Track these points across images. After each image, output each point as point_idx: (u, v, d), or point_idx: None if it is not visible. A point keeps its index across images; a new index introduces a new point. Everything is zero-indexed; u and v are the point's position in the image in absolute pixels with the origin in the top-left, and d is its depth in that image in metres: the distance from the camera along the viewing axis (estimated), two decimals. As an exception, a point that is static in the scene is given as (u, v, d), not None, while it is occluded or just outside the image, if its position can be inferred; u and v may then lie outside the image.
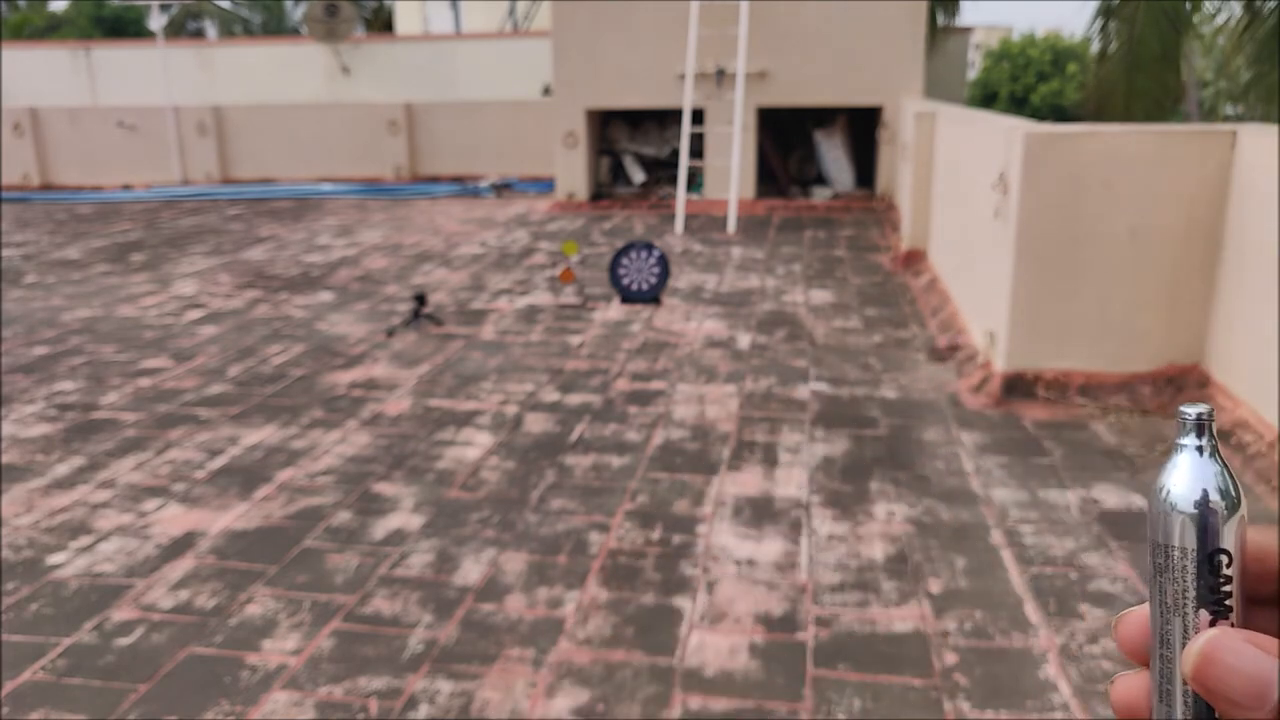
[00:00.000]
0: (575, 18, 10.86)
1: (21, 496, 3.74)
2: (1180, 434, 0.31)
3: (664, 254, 6.70)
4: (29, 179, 13.98)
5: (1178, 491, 0.30)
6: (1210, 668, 0.29)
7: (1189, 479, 0.31)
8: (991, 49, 26.73)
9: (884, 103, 10.61)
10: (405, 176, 13.42)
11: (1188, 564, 0.30)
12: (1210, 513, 0.30)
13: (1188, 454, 0.31)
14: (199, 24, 26.81)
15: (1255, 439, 3.80)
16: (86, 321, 6.45)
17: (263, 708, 2.45)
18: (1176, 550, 0.31)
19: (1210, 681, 0.29)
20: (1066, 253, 4.50)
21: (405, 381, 5.05)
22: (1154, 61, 10.54)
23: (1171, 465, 0.31)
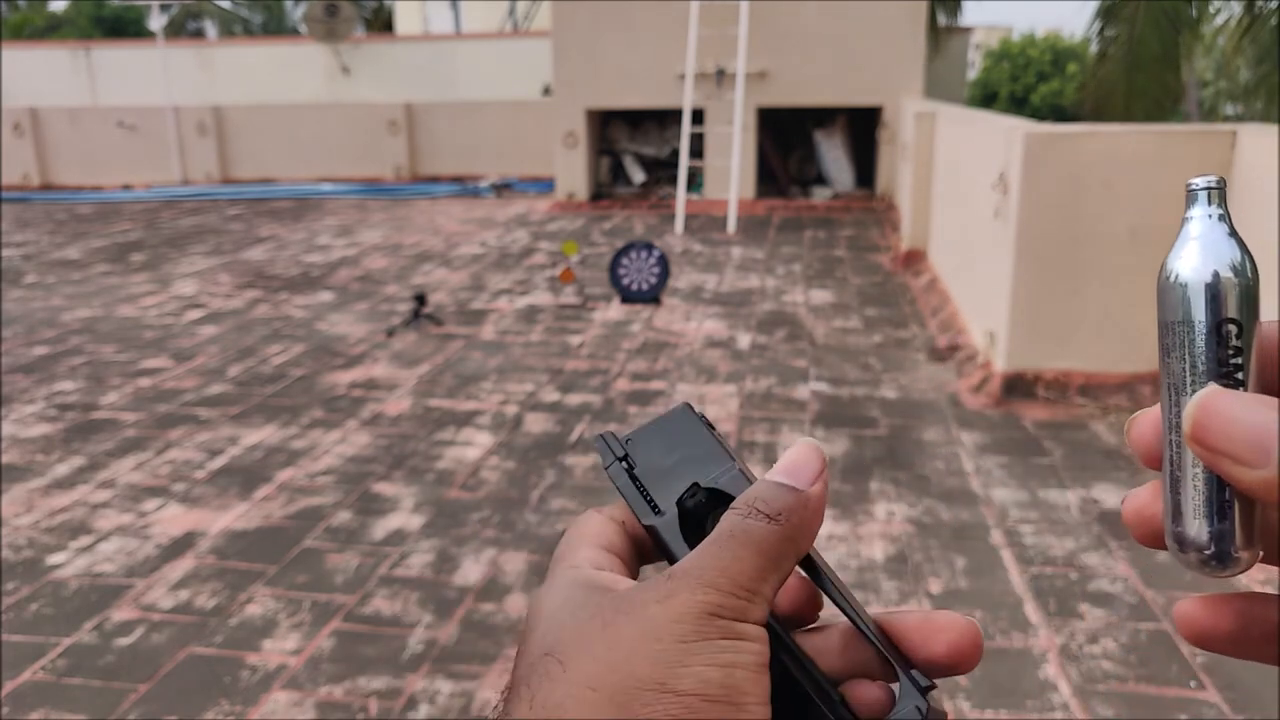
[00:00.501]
0: (575, 18, 10.86)
1: (21, 496, 3.74)
2: (1188, 206, 0.29)
3: (664, 254, 6.70)
4: (29, 179, 13.99)
5: (1182, 262, 0.28)
6: (1207, 420, 0.27)
7: (1195, 249, 0.29)
8: (991, 49, 26.73)
9: (884, 103, 10.61)
10: (405, 176, 13.42)
11: (1194, 337, 0.28)
12: (1216, 280, 0.28)
13: (1195, 224, 0.29)
14: (199, 24, 26.81)
15: (1255, 439, 3.80)
16: (86, 321, 6.45)
17: (263, 708, 2.45)
18: (1181, 325, 0.29)
19: (1209, 438, 0.27)
20: (1066, 253, 4.50)
21: (405, 381, 5.05)
22: (1154, 61, 10.55)
23: (1179, 239, 0.29)
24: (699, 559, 0.32)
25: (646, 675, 0.29)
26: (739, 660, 0.29)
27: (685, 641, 0.29)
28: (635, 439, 0.40)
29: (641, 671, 0.29)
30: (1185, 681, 2.49)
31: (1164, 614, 2.78)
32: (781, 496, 0.33)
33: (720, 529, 0.32)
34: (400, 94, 14.42)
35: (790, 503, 0.33)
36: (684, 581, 0.31)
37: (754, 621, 0.31)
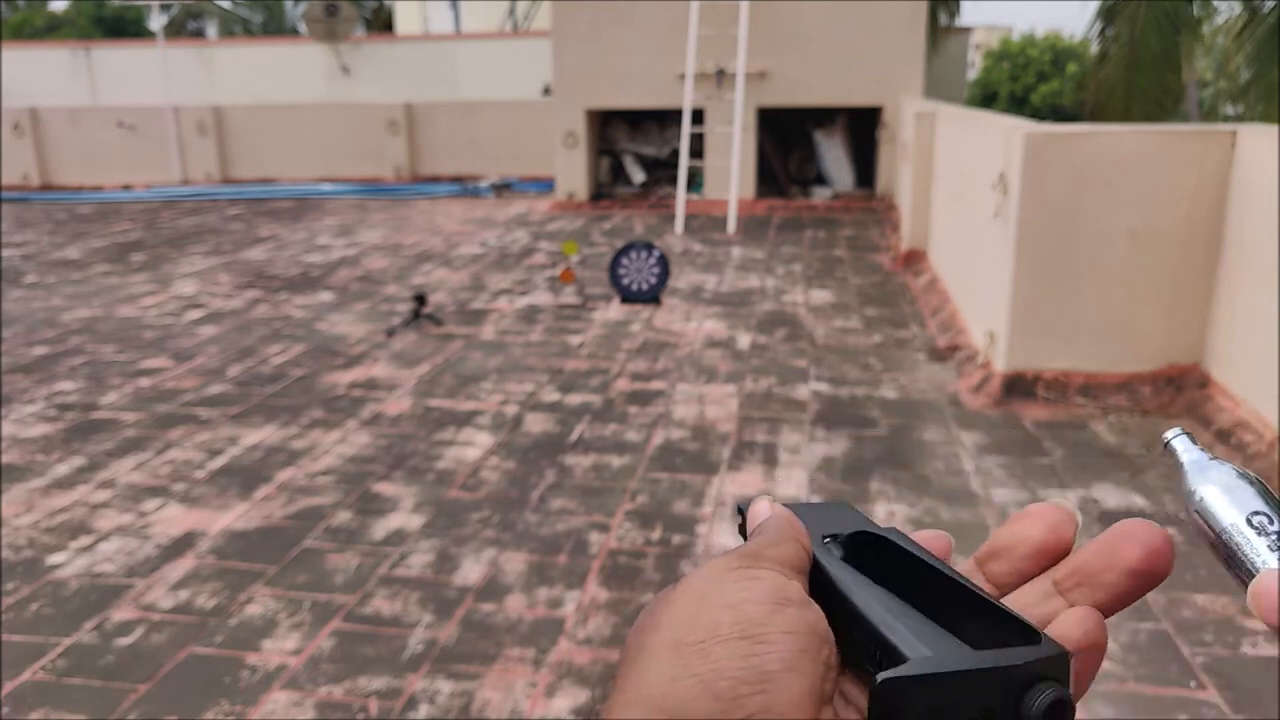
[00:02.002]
0: (575, 18, 10.86)
1: (21, 496, 3.74)
2: (1175, 454, 0.38)
3: (664, 254, 6.70)
4: (29, 179, 13.99)
5: (1200, 487, 0.38)
6: (1257, 600, 0.32)
7: (1203, 474, 0.38)
8: (991, 49, 26.73)
9: (884, 103, 10.61)
10: (405, 176, 13.42)
11: (1238, 538, 0.36)
12: (1233, 489, 0.36)
13: (1188, 463, 0.39)
14: (199, 24, 26.81)
15: (1255, 439, 3.80)
16: (86, 321, 6.45)
17: (263, 708, 2.45)
18: (1225, 532, 0.36)
19: (1264, 615, 0.32)
20: (1066, 253, 4.50)
21: (405, 381, 5.05)
22: (1154, 62, 10.55)
23: (1184, 478, 0.38)
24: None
25: (673, 639, 0.32)
26: (748, 597, 0.32)
27: (703, 597, 0.33)
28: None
29: (673, 637, 0.33)
30: (1185, 681, 2.49)
31: (1164, 614, 2.79)
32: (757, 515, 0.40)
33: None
34: (400, 94, 14.42)
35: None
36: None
37: (768, 563, 0.35)
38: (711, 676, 0.30)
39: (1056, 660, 0.32)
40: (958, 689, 0.31)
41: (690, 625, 0.32)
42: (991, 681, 0.31)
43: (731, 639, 0.31)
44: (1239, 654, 2.60)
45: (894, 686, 0.31)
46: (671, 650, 0.31)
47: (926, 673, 0.31)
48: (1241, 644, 2.64)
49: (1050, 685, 0.31)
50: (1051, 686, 0.31)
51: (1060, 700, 0.31)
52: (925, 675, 0.31)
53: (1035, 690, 0.31)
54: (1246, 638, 2.67)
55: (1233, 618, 2.76)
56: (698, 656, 0.31)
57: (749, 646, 0.31)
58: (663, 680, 0.30)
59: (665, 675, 0.30)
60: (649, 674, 0.31)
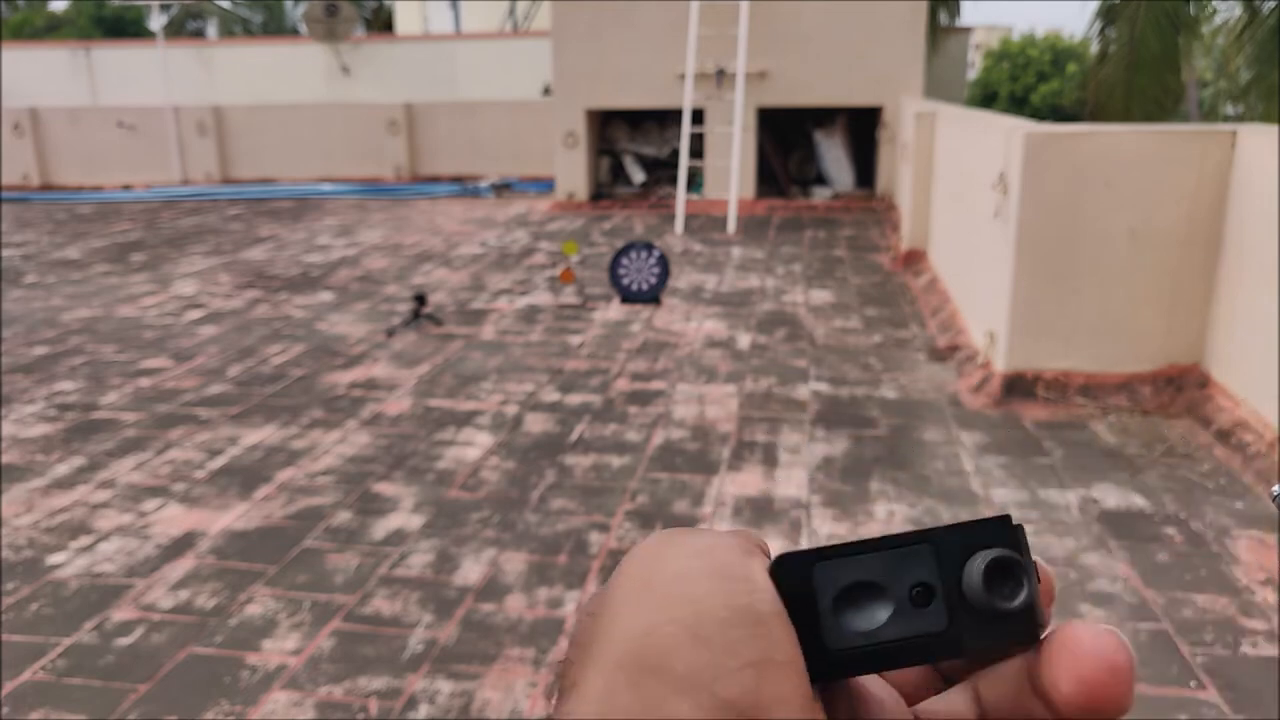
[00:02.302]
0: (575, 18, 10.86)
1: (21, 496, 3.74)
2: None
3: (664, 254, 6.70)
4: (29, 179, 13.99)
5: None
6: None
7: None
8: (991, 49, 26.72)
9: (884, 103, 10.61)
10: (405, 176, 13.42)
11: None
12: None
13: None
14: (199, 24, 26.81)
15: (1255, 439, 3.80)
16: (86, 321, 6.45)
17: (263, 708, 2.45)
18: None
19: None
20: (1066, 253, 4.50)
21: (405, 381, 5.05)
22: (1154, 62, 10.55)
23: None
24: None
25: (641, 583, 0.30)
26: (715, 543, 0.29)
27: (660, 555, 0.30)
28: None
29: (641, 581, 0.30)
30: (1185, 681, 2.49)
31: (1164, 614, 2.79)
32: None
33: None
34: (400, 94, 14.42)
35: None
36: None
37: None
38: (695, 620, 0.26)
39: (996, 525, 0.28)
40: (876, 565, 0.28)
41: (659, 572, 0.28)
42: (918, 554, 0.28)
43: (711, 577, 0.27)
44: (1239, 654, 2.60)
45: (794, 564, 0.28)
46: (641, 594, 0.27)
47: (833, 545, 0.28)
48: (1241, 644, 2.64)
49: (993, 550, 0.28)
50: (993, 550, 0.28)
51: (1001, 561, 0.27)
52: (828, 549, 0.28)
53: (978, 555, 0.28)
54: (1246, 638, 2.67)
55: (1233, 618, 2.76)
56: (675, 599, 0.26)
57: (732, 585, 0.27)
58: (636, 630, 0.26)
59: (640, 625, 0.26)
60: (619, 626, 0.27)
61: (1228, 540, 3.21)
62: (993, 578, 0.27)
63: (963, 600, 0.27)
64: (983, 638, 0.28)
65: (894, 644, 0.27)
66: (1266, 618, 2.75)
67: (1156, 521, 3.36)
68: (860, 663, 0.27)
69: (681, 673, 0.25)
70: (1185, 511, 3.43)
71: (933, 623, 0.27)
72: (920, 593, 0.27)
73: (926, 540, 0.28)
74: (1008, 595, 0.27)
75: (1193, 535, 3.25)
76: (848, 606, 0.27)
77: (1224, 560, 3.08)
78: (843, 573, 0.28)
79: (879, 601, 0.27)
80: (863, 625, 0.27)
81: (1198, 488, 3.62)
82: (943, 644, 0.27)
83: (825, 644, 0.27)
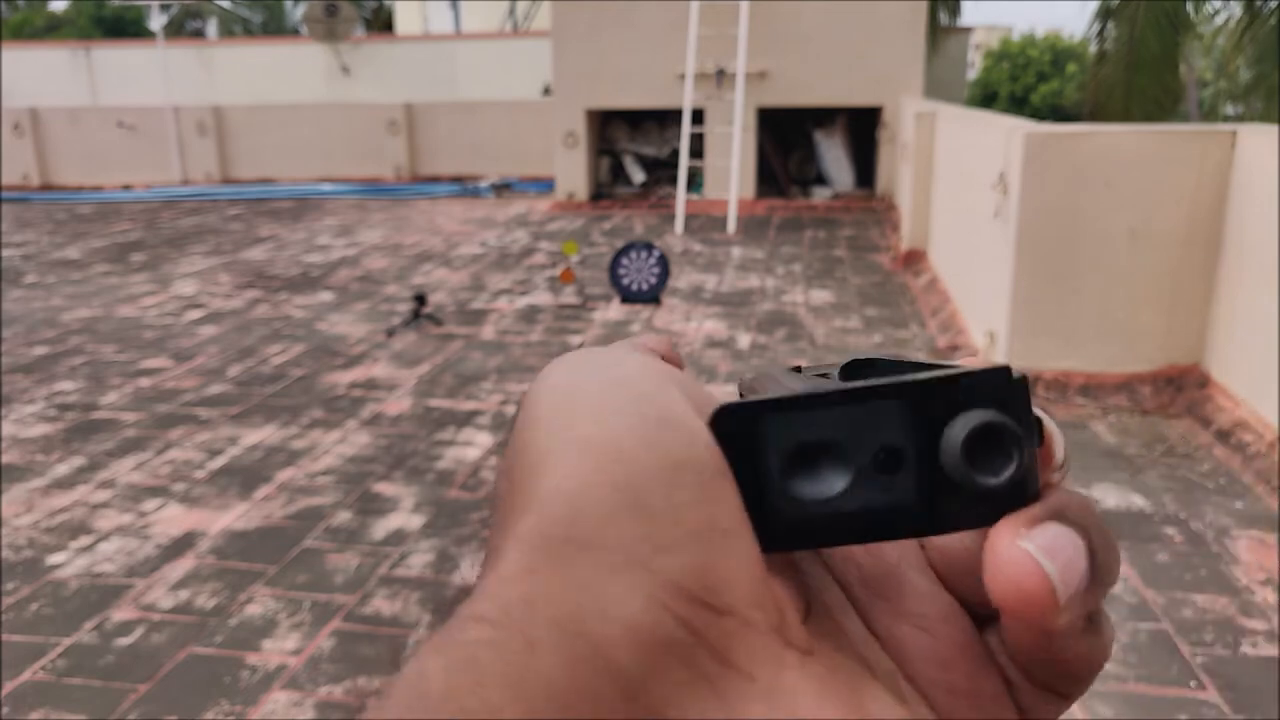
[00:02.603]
0: (575, 18, 10.86)
1: (21, 496, 3.74)
2: None
3: (664, 254, 6.70)
4: (29, 179, 13.99)
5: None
6: None
7: None
8: (991, 49, 26.73)
9: (884, 103, 10.61)
10: (405, 176, 13.42)
11: None
12: None
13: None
14: (199, 24, 26.81)
15: (1255, 439, 3.80)
16: (86, 321, 6.45)
17: (263, 708, 2.45)
18: None
19: None
20: (1066, 253, 4.50)
21: (405, 381, 5.05)
22: (1153, 62, 10.55)
23: None
24: None
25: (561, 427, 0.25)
26: (630, 370, 0.25)
27: (574, 382, 0.27)
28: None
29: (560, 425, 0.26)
30: (1185, 681, 2.49)
31: (1164, 614, 2.79)
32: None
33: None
34: (400, 94, 14.43)
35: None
36: None
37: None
38: (627, 479, 0.21)
39: (989, 379, 0.22)
40: (836, 421, 0.22)
41: (577, 414, 0.23)
42: (888, 411, 0.22)
43: (641, 422, 0.22)
44: (1239, 654, 2.60)
45: (739, 416, 0.23)
46: (560, 445, 0.22)
47: (781, 396, 0.23)
48: (1241, 644, 2.64)
49: (981, 411, 0.22)
50: (981, 412, 0.22)
51: (987, 428, 0.22)
52: (779, 399, 0.23)
53: (961, 417, 0.22)
54: (1246, 638, 2.67)
55: (1233, 618, 2.76)
56: (600, 451, 0.22)
57: (668, 434, 0.22)
58: (559, 493, 0.21)
59: (563, 487, 0.21)
60: (539, 487, 0.22)
61: (1228, 540, 3.21)
62: (975, 448, 0.22)
63: (939, 470, 0.22)
64: (959, 515, 0.23)
65: (851, 515, 0.23)
66: (1266, 618, 2.75)
67: (1156, 521, 3.36)
68: (811, 535, 0.23)
69: (614, 546, 0.21)
70: (1185, 511, 3.43)
71: (899, 494, 0.23)
72: (886, 458, 0.22)
73: (900, 394, 0.22)
74: (993, 470, 0.22)
75: (1193, 535, 3.25)
76: (798, 468, 0.23)
77: (1224, 560, 3.08)
78: (796, 429, 0.23)
79: (836, 464, 0.23)
80: (815, 492, 0.23)
81: (1198, 488, 3.62)
82: (910, 520, 0.23)
83: (770, 510, 0.23)
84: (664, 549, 0.21)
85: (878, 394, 0.22)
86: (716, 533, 0.21)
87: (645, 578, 0.20)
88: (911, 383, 0.22)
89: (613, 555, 0.21)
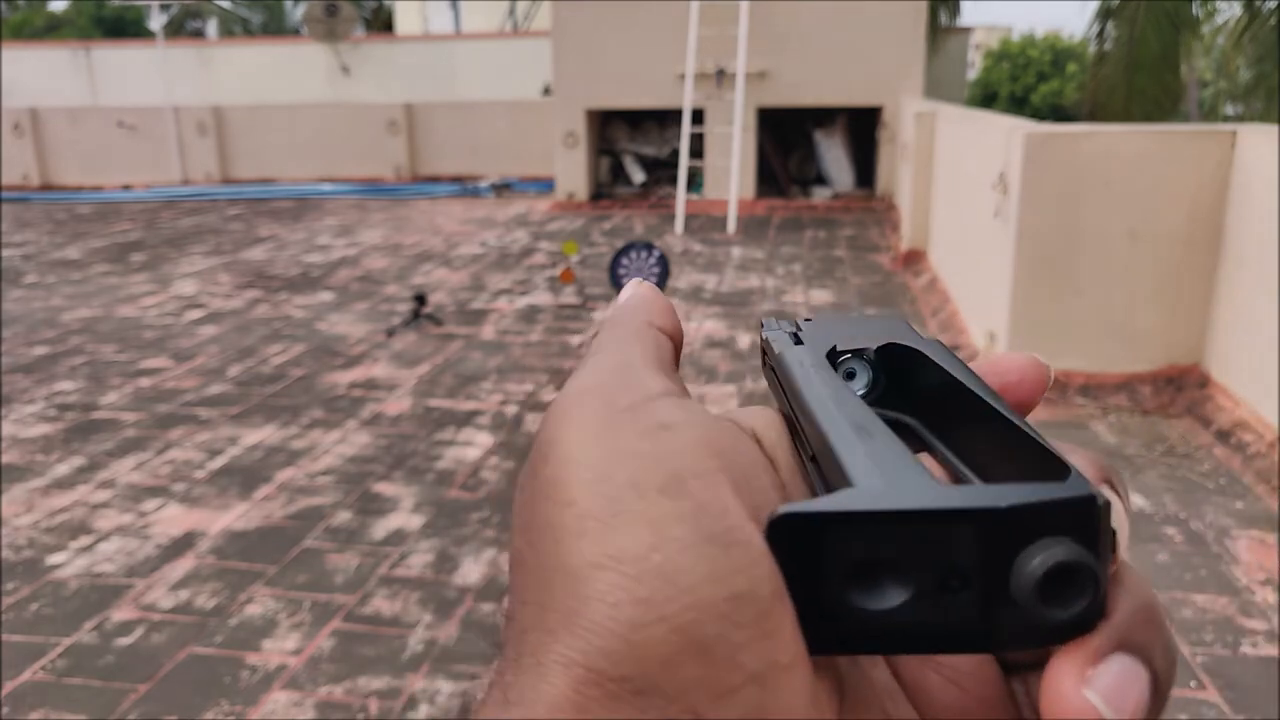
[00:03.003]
0: (575, 18, 10.86)
1: (21, 496, 3.74)
2: None
3: (664, 254, 6.70)
4: (29, 179, 13.99)
5: None
6: None
7: None
8: (991, 49, 26.73)
9: (884, 103, 10.61)
10: (405, 176, 13.42)
11: None
12: None
13: None
14: (199, 24, 26.81)
15: (1255, 439, 3.80)
16: (86, 321, 6.45)
17: (263, 708, 2.45)
18: None
19: None
20: (1066, 253, 4.50)
21: (405, 381, 5.05)
22: (1154, 62, 10.55)
23: None
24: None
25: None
26: (671, 453, 0.24)
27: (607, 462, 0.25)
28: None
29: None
30: (1185, 681, 2.50)
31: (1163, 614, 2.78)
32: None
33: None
34: (400, 94, 14.43)
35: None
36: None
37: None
38: (688, 620, 0.20)
39: (1076, 508, 0.21)
40: (901, 539, 0.21)
41: (619, 520, 0.21)
42: (960, 530, 0.21)
43: (695, 538, 0.21)
44: (1239, 654, 2.60)
45: (797, 527, 0.21)
46: (600, 558, 0.21)
47: (846, 510, 0.21)
48: (1241, 644, 2.64)
49: (1057, 541, 0.21)
50: (1058, 543, 0.21)
51: (1068, 565, 0.20)
52: (841, 513, 0.21)
53: (1036, 547, 0.21)
54: (1246, 638, 2.67)
55: (1233, 618, 2.76)
56: (654, 577, 0.20)
57: (725, 556, 0.21)
58: (609, 628, 0.20)
59: (611, 619, 0.20)
60: (579, 614, 0.20)
61: (1228, 540, 3.21)
62: (1050, 585, 0.21)
63: (1005, 597, 0.21)
64: (1021, 638, 0.21)
65: (907, 628, 0.22)
66: (1266, 618, 2.75)
67: (1156, 521, 3.36)
68: (863, 643, 0.22)
69: (674, 693, 0.20)
70: (1185, 511, 3.43)
71: (960, 614, 0.21)
72: (951, 579, 0.21)
73: (974, 521, 0.21)
74: (1064, 604, 0.21)
75: (1193, 535, 3.25)
76: (856, 579, 0.22)
77: (1224, 560, 3.08)
78: (857, 544, 0.21)
79: (898, 579, 0.21)
80: (871, 604, 0.21)
81: (1198, 488, 3.62)
82: (968, 639, 0.22)
83: (824, 617, 0.22)
84: (722, 696, 0.20)
85: (949, 519, 0.21)
86: (775, 670, 0.20)
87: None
88: (987, 510, 0.21)
89: (670, 703, 0.20)
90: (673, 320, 0.28)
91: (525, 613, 0.22)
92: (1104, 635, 0.21)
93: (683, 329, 0.28)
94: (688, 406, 0.24)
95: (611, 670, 0.20)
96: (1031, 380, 0.27)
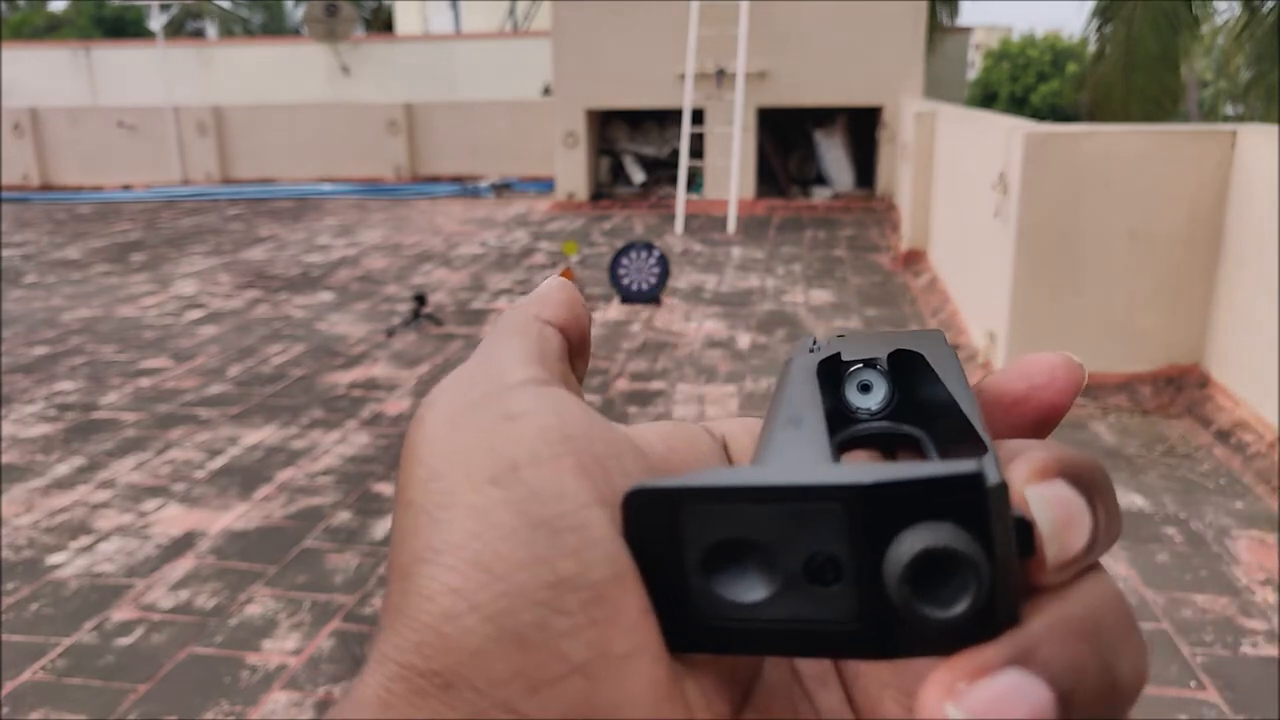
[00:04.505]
0: (575, 18, 10.86)
1: (21, 496, 3.74)
2: None
3: (664, 254, 6.70)
4: (29, 179, 13.99)
5: None
6: None
7: None
8: (991, 49, 26.74)
9: (884, 103, 10.61)
10: (405, 176, 13.42)
11: None
12: None
13: None
14: (199, 24, 26.82)
15: (1255, 439, 3.80)
16: (86, 321, 6.45)
17: (263, 708, 2.45)
18: None
19: None
20: (1066, 253, 4.50)
21: (405, 381, 5.05)
22: (1152, 61, 10.55)
23: None
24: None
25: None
26: (517, 450, 0.22)
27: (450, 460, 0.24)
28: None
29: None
30: (1185, 681, 2.50)
31: (1164, 614, 2.79)
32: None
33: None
34: (400, 94, 14.43)
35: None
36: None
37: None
38: (501, 609, 0.19)
39: (957, 487, 0.18)
40: (763, 519, 0.19)
41: (446, 509, 0.20)
42: (826, 510, 0.19)
43: (520, 523, 0.20)
44: (1239, 654, 2.60)
45: (651, 502, 0.20)
46: (426, 547, 0.20)
47: (700, 486, 0.20)
48: (1241, 644, 2.64)
49: (935, 526, 0.18)
50: (934, 528, 0.18)
51: (936, 552, 0.18)
52: (700, 488, 0.20)
53: (909, 532, 0.18)
54: (1246, 638, 2.67)
55: (1233, 618, 2.76)
56: (471, 565, 0.19)
57: (554, 541, 0.20)
58: (420, 620, 0.19)
59: (424, 611, 0.19)
60: (403, 607, 0.20)
61: (1228, 540, 3.21)
62: (920, 575, 0.18)
63: (884, 592, 0.19)
64: (912, 643, 0.19)
65: (778, 625, 0.19)
66: (1266, 618, 2.76)
67: (1156, 521, 3.36)
68: (732, 641, 0.20)
69: (483, 687, 0.19)
70: (1185, 511, 3.43)
71: (836, 610, 0.19)
72: (819, 568, 0.19)
73: (839, 498, 0.19)
74: (942, 601, 0.18)
75: (1193, 535, 3.25)
76: (722, 566, 0.20)
77: (1224, 560, 3.08)
78: (716, 522, 0.20)
79: (763, 568, 0.20)
80: (735, 595, 0.20)
81: (1198, 488, 3.62)
82: (851, 641, 0.19)
83: (687, 608, 0.20)
84: (540, 688, 0.19)
85: (812, 495, 0.19)
86: (605, 661, 0.19)
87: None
88: (852, 486, 0.19)
89: (480, 697, 0.19)
90: (568, 312, 0.27)
91: (380, 615, 0.21)
92: (999, 646, 0.18)
93: (587, 320, 0.27)
94: (546, 395, 0.23)
95: (422, 665, 0.19)
96: (1062, 381, 0.25)
